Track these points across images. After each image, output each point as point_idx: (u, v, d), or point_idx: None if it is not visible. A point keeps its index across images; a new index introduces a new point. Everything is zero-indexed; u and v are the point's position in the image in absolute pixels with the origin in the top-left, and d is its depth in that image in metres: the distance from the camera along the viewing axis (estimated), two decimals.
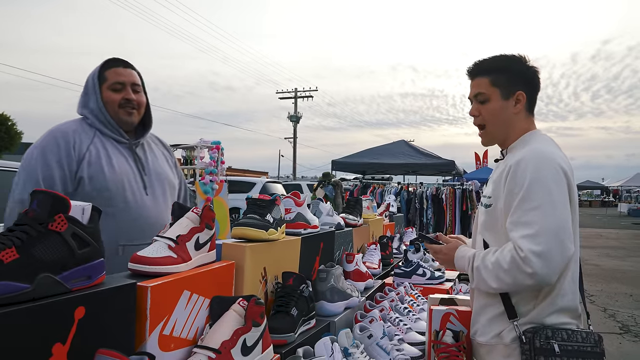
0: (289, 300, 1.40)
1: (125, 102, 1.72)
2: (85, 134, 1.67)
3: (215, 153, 2.72)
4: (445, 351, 1.47)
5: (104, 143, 1.69)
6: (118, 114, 1.72)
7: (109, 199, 1.61)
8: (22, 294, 0.74)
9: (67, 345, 0.80)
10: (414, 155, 10.08)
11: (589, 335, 1.27)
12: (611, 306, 5.87)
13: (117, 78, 1.72)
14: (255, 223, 1.42)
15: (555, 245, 1.20)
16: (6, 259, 0.74)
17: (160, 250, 1.08)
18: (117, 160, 1.69)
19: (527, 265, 1.20)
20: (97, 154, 1.65)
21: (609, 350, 4.22)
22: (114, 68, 1.73)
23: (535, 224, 1.22)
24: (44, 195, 0.84)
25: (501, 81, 1.39)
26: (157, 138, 1.98)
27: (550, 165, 1.27)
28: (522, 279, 1.22)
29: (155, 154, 1.88)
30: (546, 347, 1.24)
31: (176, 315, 1.03)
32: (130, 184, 1.68)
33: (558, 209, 1.23)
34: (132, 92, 1.74)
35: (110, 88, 1.71)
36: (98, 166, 1.63)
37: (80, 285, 0.85)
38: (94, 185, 1.60)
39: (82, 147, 1.64)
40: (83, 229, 0.87)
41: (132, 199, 1.67)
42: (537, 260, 1.19)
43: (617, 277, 7.96)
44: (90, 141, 1.66)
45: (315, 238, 1.84)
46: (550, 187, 1.24)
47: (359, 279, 2.07)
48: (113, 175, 1.64)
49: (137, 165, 1.75)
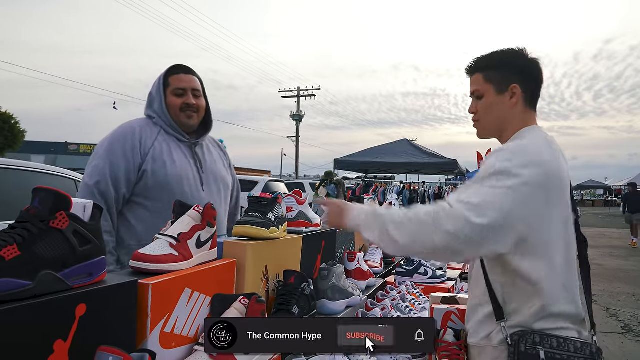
0: (290, 298, 1.40)
1: (186, 107, 1.87)
2: (150, 131, 1.83)
3: None
4: (446, 350, 1.47)
5: (167, 141, 1.85)
6: (179, 117, 1.87)
7: (169, 192, 1.74)
8: (23, 291, 0.74)
9: (69, 342, 0.80)
10: (416, 154, 10.07)
11: (584, 346, 1.19)
12: (614, 306, 5.85)
13: (179, 84, 1.88)
14: (257, 221, 1.42)
15: (497, 221, 1.12)
16: (8, 256, 0.75)
17: (162, 248, 1.08)
18: (178, 156, 1.84)
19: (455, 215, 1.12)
20: (160, 149, 1.80)
21: (611, 350, 4.21)
22: (176, 75, 1.89)
23: (484, 198, 1.14)
24: (45, 192, 0.84)
25: (495, 76, 1.37)
26: (215, 140, 2.15)
27: (531, 162, 1.19)
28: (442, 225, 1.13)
29: (212, 155, 2.03)
30: (531, 353, 1.17)
31: (177, 313, 1.03)
32: (188, 179, 1.82)
33: (518, 197, 1.14)
34: (193, 97, 1.89)
35: (173, 93, 1.87)
36: (161, 161, 1.78)
37: (81, 283, 0.85)
38: (156, 179, 1.75)
39: (148, 142, 1.80)
40: (84, 227, 0.87)
41: (190, 192, 1.81)
42: (471, 215, 1.11)
43: (619, 276, 7.94)
44: (155, 138, 1.82)
45: (317, 236, 1.84)
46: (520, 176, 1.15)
47: (360, 278, 2.07)
48: (174, 170, 1.79)
49: (196, 163, 1.90)
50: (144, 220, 1.76)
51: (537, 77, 1.39)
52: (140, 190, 1.75)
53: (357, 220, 1.32)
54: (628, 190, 12.68)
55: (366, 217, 1.29)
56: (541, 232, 1.20)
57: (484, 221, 1.11)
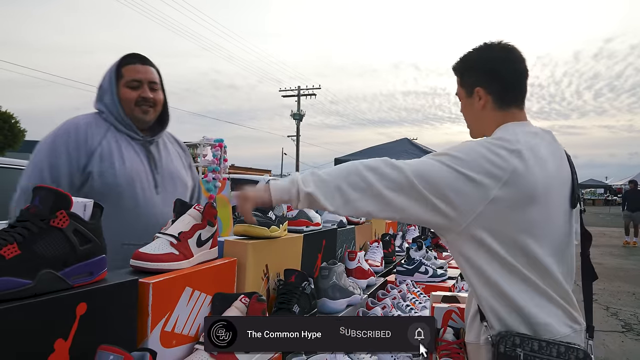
0: (290, 297, 1.40)
1: (142, 100, 1.69)
2: (98, 128, 1.65)
3: (218, 151, 2.72)
4: (446, 348, 1.47)
5: (117, 138, 1.66)
6: (134, 111, 1.69)
7: (117, 196, 1.58)
8: (23, 289, 0.74)
9: (69, 341, 0.80)
10: (417, 153, 10.06)
11: (569, 351, 1.14)
12: (614, 304, 5.85)
13: (134, 75, 1.69)
14: (258, 220, 1.42)
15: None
16: (8, 254, 0.75)
17: (162, 246, 1.08)
18: (129, 156, 1.66)
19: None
20: (109, 149, 1.62)
21: (611, 349, 4.21)
22: (131, 65, 1.70)
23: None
24: (46, 191, 0.84)
25: (464, 80, 1.38)
26: (174, 137, 1.95)
27: (483, 152, 1.16)
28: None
29: (169, 153, 1.85)
30: (510, 354, 1.15)
31: (178, 312, 1.03)
32: (141, 182, 1.65)
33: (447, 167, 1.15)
34: (149, 89, 1.71)
35: (127, 85, 1.68)
36: (109, 162, 1.60)
37: (81, 282, 0.85)
38: (103, 181, 1.57)
39: (94, 141, 1.61)
40: (85, 226, 0.87)
41: (142, 196, 1.64)
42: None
43: (619, 275, 7.94)
44: (103, 136, 1.64)
45: (318, 235, 1.84)
46: (470, 165, 1.14)
47: (361, 277, 2.07)
48: (123, 171, 1.61)
49: (150, 163, 1.72)
50: None
51: (506, 72, 1.32)
52: (85, 194, 1.55)
53: (280, 183, 1.19)
54: (628, 188, 12.55)
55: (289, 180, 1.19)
56: (496, 228, 1.16)
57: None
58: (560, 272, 1.22)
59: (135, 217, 1.60)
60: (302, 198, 1.15)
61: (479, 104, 1.35)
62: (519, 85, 1.34)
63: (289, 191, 1.16)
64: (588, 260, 1.35)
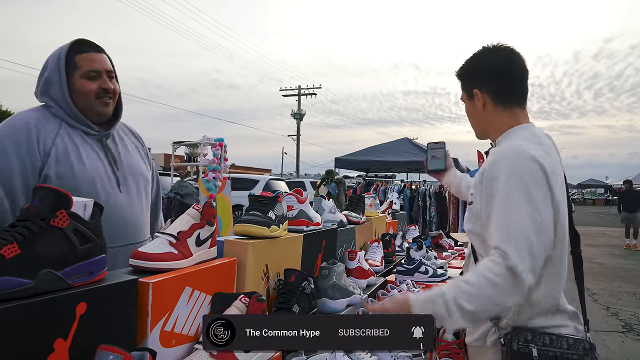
0: (290, 297, 1.40)
1: (103, 92, 1.56)
2: (49, 125, 1.50)
3: (218, 150, 2.72)
4: (446, 349, 1.47)
5: (71, 136, 1.52)
6: (93, 105, 1.55)
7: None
8: (23, 289, 0.74)
9: (69, 340, 0.80)
10: (417, 153, 10.06)
11: (577, 343, 1.19)
12: (614, 305, 5.85)
13: (91, 65, 1.54)
14: (258, 220, 1.42)
15: (537, 245, 1.12)
16: (8, 254, 0.75)
17: (161, 246, 1.09)
18: (87, 155, 1.53)
19: (515, 277, 1.10)
20: (64, 148, 1.48)
21: (612, 349, 4.21)
22: (86, 53, 1.55)
23: (515, 228, 1.14)
24: (45, 191, 0.84)
25: (464, 83, 1.44)
26: (127, 127, 1.80)
27: (523, 163, 1.19)
28: (512, 291, 1.11)
29: (126, 146, 1.71)
30: (524, 351, 1.17)
31: (177, 312, 1.03)
32: (102, 182, 1.53)
33: (538, 206, 1.16)
34: (108, 79, 1.58)
35: (85, 76, 1.53)
36: (66, 163, 1.47)
37: (81, 281, 0.85)
38: (61, 184, 1.41)
39: (47, 140, 1.47)
40: (85, 225, 0.87)
41: (105, 198, 1.51)
42: (522, 266, 1.09)
43: (620, 275, 7.93)
44: (55, 134, 1.49)
45: (318, 235, 1.84)
46: (526, 186, 1.16)
47: (361, 277, 2.07)
48: (83, 172, 1.49)
49: (109, 160, 1.59)
50: None
51: (505, 75, 1.35)
52: None
53: (421, 309, 1.15)
54: (624, 189, 12.31)
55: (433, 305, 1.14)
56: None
57: (534, 277, 1.12)
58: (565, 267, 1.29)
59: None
60: (450, 329, 1.25)
61: (479, 105, 1.40)
62: (519, 85, 1.37)
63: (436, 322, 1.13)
64: (580, 258, 1.39)
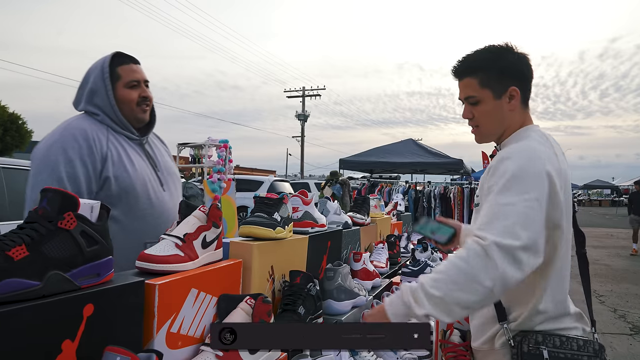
0: (296, 298, 1.40)
1: (142, 100, 1.72)
2: (100, 131, 1.63)
3: (223, 152, 2.72)
4: (452, 350, 1.46)
5: (118, 141, 1.67)
6: (135, 112, 1.71)
7: (135, 198, 1.61)
8: (32, 291, 0.75)
9: (76, 342, 0.80)
10: (421, 154, 10.04)
11: (587, 344, 1.18)
12: (621, 307, 5.80)
13: (132, 76, 1.71)
14: (263, 221, 1.42)
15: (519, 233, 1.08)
16: (16, 256, 0.75)
17: (168, 248, 1.09)
18: (135, 158, 1.68)
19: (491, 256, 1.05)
20: (117, 152, 1.63)
21: (619, 351, 4.18)
22: (126, 65, 1.71)
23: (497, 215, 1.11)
24: (53, 193, 0.84)
25: (491, 80, 1.30)
26: (154, 133, 1.94)
27: (531, 165, 1.17)
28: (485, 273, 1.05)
29: (160, 150, 1.88)
30: (534, 353, 1.16)
31: (184, 313, 1.04)
32: (150, 182, 1.69)
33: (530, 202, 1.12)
34: (145, 88, 1.75)
35: (127, 86, 1.69)
36: (121, 165, 1.61)
37: (89, 283, 0.86)
38: (120, 185, 1.58)
39: (103, 145, 1.60)
40: (92, 227, 0.88)
41: (154, 196, 1.68)
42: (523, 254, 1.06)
43: (627, 277, 7.86)
44: (106, 139, 1.63)
45: (323, 237, 1.84)
46: (527, 187, 1.14)
47: (366, 278, 2.06)
48: (135, 173, 1.64)
49: (151, 162, 1.75)
50: (110, 231, 1.54)
51: (530, 74, 1.34)
52: (103, 199, 1.48)
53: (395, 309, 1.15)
54: (634, 189, 11.86)
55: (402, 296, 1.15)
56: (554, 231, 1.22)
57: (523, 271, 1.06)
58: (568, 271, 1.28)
59: (152, 216, 1.65)
60: (421, 319, 1.11)
61: (510, 105, 1.32)
62: (531, 87, 1.37)
63: (407, 315, 1.13)
64: (585, 258, 1.38)
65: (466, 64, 1.35)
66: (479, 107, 1.33)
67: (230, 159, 2.76)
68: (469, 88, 1.34)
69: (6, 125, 16.27)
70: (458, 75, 1.37)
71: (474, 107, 1.34)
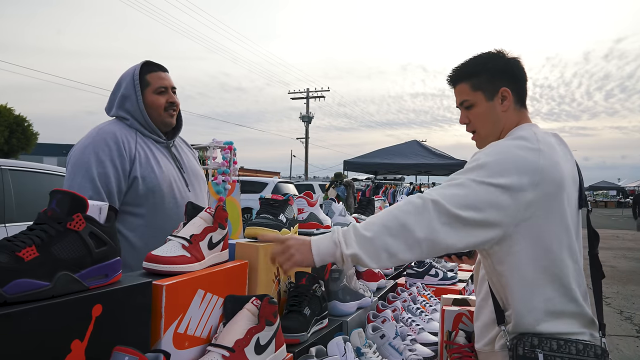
0: (301, 299, 1.40)
1: (170, 105, 1.82)
2: (129, 135, 1.74)
3: (227, 153, 2.73)
4: (457, 352, 1.46)
5: (146, 143, 1.77)
6: (162, 116, 1.80)
7: (161, 197, 1.69)
8: (42, 291, 0.76)
9: (85, 342, 0.81)
10: (426, 155, 10.03)
11: (587, 348, 1.16)
12: (628, 309, 5.76)
13: (161, 82, 1.81)
14: (269, 223, 1.43)
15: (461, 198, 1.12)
16: (27, 257, 0.76)
17: (174, 249, 1.10)
18: (162, 160, 1.77)
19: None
20: (145, 154, 1.72)
21: (626, 354, 4.15)
22: (154, 72, 1.82)
23: (447, 184, 1.16)
24: (62, 194, 0.85)
25: (482, 83, 1.34)
26: (181, 137, 2.05)
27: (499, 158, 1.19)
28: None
29: (186, 153, 1.97)
30: (529, 356, 1.15)
31: (190, 314, 1.04)
32: (176, 183, 1.77)
33: (488, 186, 1.14)
34: (173, 94, 1.84)
35: (156, 92, 1.79)
36: (148, 166, 1.70)
37: (97, 284, 0.87)
38: (147, 185, 1.67)
39: (131, 147, 1.70)
40: (100, 228, 0.88)
41: (180, 196, 1.76)
42: (460, 221, 1.11)
43: (633, 279, 7.81)
44: (135, 142, 1.73)
45: None
46: (492, 169, 1.16)
47: (371, 279, 2.07)
48: (162, 174, 1.72)
49: (176, 164, 1.84)
50: (137, 229, 1.66)
51: (522, 75, 1.37)
52: (130, 199, 1.66)
53: (321, 245, 1.18)
54: None
55: (332, 236, 1.18)
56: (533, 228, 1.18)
57: (458, 237, 1.12)
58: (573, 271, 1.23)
59: (178, 216, 1.69)
60: (347, 259, 1.14)
61: (503, 105, 1.34)
62: (526, 88, 1.39)
63: (333, 254, 1.16)
64: (597, 259, 1.36)
65: (458, 71, 1.40)
66: (473, 111, 1.37)
67: (235, 161, 2.77)
68: (462, 93, 1.39)
69: (12, 127, 16.39)
70: (452, 83, 1.42)
71: (469, 112, 1.38)
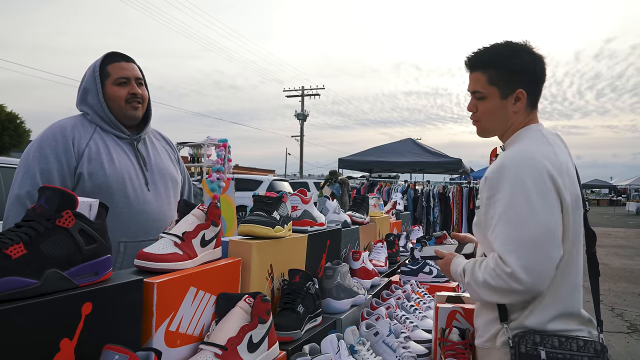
0: (295, 297, 1.40)
1: (132, 97, 1.72)
2: (84, 129, 1.67)
3: (222, 151, 2.72)
4: (451, 349, 1.46)
5: (104, 139, 1.68)
6: (124, 109, 1.71)
7: (109, 195, 1.59)
8: (30, 289, 0.74)
9: (75, 340, 0.80)
10: (420, 153, 10.04)
11: (587, 344, 1.18)
12: (619, 305, 5.82)
13: (121, 73, 1.71)
14: (262, 220, 1.42)
15: (539, 255, 1.13)
16: (14, 254, 0.75)
17: (166, 246, 1.08)
18: (118, 155, 1.68)
19: (515, 282, 1.13)
20: (97, 150, 1.64)
21: (617, 350, 4.19)
22: (116, 63, 1.72)
23: (517, 235, 1.16)
24: (51, 191, 0.84)
25: (500, 79, 1.30)
26: (160, 134, 1.98)
27: (531, 169, 1.19)
28: (511, 293, 1.16)
29: (157, 150, 1.87)
30: (532, 354, 1.16)
31: (182, 312, 1.03)
32: (131, 180, 1.67)
33: (539, 215, 1.16)
34: (137, 86, 1.74)
35: (115, 83, 1.70)
36: (98, 162, 1.62)
37: (87, 281, 0.85)
38: (94, 182, 1.60)
39: (82, 143, 1.63)
40: (90, 225, 0.87)
41: (134, 195, 1.66)
42: (524, 275, 1.12)
43: (625, 276, 7.89)
44: (89, 137, 1.66)
45: (322, 235, 1.83)
46: (529, 194, 1.16)
47: (365, 277, 2.06)
48: (113, 171, 1.63)
49: (139, 161, 1.74)
50: None
51: (542, 76, 1.34)
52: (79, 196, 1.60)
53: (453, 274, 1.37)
54: None
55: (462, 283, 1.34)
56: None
57: (534, 281, 1.15)
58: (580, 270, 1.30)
59: (128, 215, 1.64)
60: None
61: (516, 106, 1.32)
62: (542, 88, 1.37)
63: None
64: (594, 258, 1.38)
65: (478, 57, 1.35)
66: (483, 103, 1.35)
67: (230, 158, 2.75)
68: (477, 83, 1.35)
69: (4, 124, 16.26)
70: (469, 68, 1.38)
71: (479, 102, 1.36)
